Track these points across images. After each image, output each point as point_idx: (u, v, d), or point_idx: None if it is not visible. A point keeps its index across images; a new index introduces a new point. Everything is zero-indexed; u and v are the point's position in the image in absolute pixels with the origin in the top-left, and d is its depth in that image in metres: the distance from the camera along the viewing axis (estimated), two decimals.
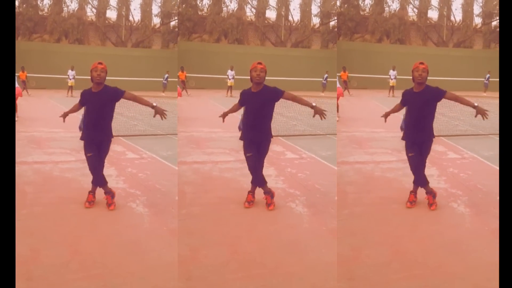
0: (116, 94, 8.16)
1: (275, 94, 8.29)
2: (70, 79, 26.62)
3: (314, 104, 8.32)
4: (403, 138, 8.49)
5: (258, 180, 8.49)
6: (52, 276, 6.15)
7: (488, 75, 29.93)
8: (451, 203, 8.73)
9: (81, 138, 8.30)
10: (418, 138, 8.34)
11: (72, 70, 26.64)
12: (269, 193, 8.49)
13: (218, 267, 6.49)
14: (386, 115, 8.89)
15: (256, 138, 8.35)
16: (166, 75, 28.03)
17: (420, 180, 8.44)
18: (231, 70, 26.77)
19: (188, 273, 6.35)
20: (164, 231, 7.63)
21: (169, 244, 7.18)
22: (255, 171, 8.46)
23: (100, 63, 8.14)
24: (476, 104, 8.18)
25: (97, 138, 8.24)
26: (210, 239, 7.31)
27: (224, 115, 8.69)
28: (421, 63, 8.31)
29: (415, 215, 8.20)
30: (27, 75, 26.11)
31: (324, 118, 8.28)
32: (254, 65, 8.30)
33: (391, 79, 27.65)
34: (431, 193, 8.45)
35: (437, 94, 8.22)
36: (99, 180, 8.33)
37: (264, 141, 8.40)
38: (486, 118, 8.16)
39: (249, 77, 8.28)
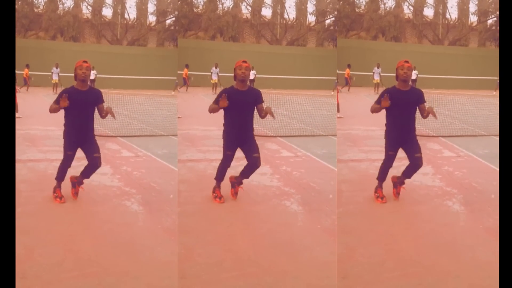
0: (99, 97, 8.32)
1: (259, 98, 8.40)
2: (54, 77, 26.53)
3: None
4: (384, 137, 8.52)
5: (222, 177, 8.61)
6: (47, 274, 6.14)
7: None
8: (446, 201, 8.74)
9: (63, 137, 8.37)
10: (403, 137, 8.33)
11: (56, 67, 26.56)
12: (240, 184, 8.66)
13: (212, 266, 6.49)
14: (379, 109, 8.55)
15: (241, 137, 8.35)
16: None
17: (383, 176, 8.63)
18: (216, 67, 26.88)
19: (183, 272, 6.35)
20: (158, 229, 7.63)
21: (164, 242, 7.18)
22: (224, 170, 8.56)
23: (85, 61, 8.15)
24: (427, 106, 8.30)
25: (81, 138, 8.26)
26: (204, 238, 7.30)
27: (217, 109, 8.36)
28: (406, 61, 8.29)
29: (409, 214, 8.21)
30: (29, 72, 26.10)
31: (273, 118, 8.42)
32: (239, 63, 8.26)
33: (375, 77, 27.63)
34: (402, 184, 8.60)
35: (420, 98, 8.31)
36: (62, 176, 8.47)
37: (250, 135, 8.40)
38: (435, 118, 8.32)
39: None
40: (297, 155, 12.18)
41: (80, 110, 8.18)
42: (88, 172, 8.42)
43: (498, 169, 10.34)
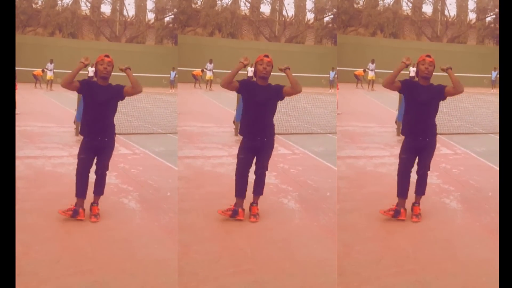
0: (120, 90, 7.63)
1: (279, 90, 7.87)
2: (49, 73, 26.51)
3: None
4: (403, 133, 8.00)
5: (243, 189, 7.89)
6: (43, 271, 6.14)
7: (495, 72, 29.80)
8: (443, 198, 8.74)
9: (81, 133, 7.82)
10: (419, 138, 7.76)
11: (51, 63, 26.53)
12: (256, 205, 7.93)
13: (209, 263, 6.49)
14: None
15: (258, 136, 7.79)
16: (173, 72, 27.95)
17: (403, 189, 7.89)
18: (210, 63, 26.88)
19: (179, 269, 6.35)
20: (155, 227, 7.63)
21: (161, 240, 7.18)
22: (243, 177, 7.90)
23: (107, 55, 7.61)
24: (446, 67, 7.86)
25: (97, 137, 7.66)
26: (201, 235, 7.30)
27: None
28: (428, 55, 7.76)
29: (406, 211, 8.20)
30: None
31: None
32: (260, 58, 7.84)
33: (370, 74, 27.59)
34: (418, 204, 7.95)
35: (441, 91, 7.74)
36: (82, 191, 7.72)
37: (267, 143, 7.87)
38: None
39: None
40: (295, 153, 12.18)
41: (97, 105, 7.58)
42: (98, 188, 7.87)
43: (495, 167, 10.44)
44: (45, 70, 26.35)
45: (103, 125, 7.70)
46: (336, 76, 27.97)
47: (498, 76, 29.62)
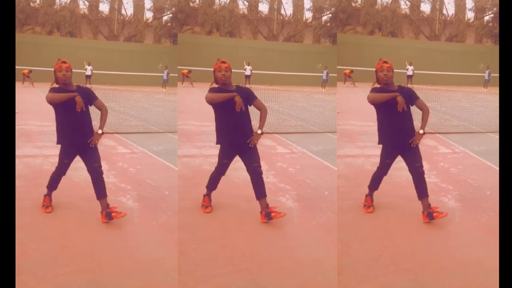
0: (89, 97, 7.61)
1: (250, 95, 7.71)
2: None
3: (260, 131, 7.68)
4: (380, 143, 7.90)
5: (214, 185, 8.15)
6: (41, 270, 6.15)
7: (488, 70, 29.80)
8: (441, 197, 8.74)
9: (58, 143, 7.74)
10: (402, 141, 7.68)
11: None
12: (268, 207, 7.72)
13: (207, 262, 6.50)
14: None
15: (239, 139, 7.70)
16: (166, 71, 27.95)
17: (375, 185, 8.15)
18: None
19: (177, 268, 6.35)
20: (154, 225, 7.63)
21: (159, 239, 7.18)
22: (218, 179, 8.08)
23: (64, 61, 7.48)
24: (422, 132, 7.62)
25: (79, 141, 7.62)
26: (199, 234, 7.30)
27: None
28: (385, 61, 7.65)
29: (404, 210, 8.20)
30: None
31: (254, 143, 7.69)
32: (218, 65, 7.57)
33: None
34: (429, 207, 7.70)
35: (411, 97, 7.65)
36: (55, 185, 7.98)
37: (249, 147, 7.73)
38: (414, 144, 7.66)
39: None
40: (293, 152, 12.18)
41: (71, 112, 7.40)
42: (97, 188, 7.71)
43: (493, 166, 10.45)
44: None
45: (81, 126, 7.59)
46: (328, 75, 28.00)
47: (490, 75, 29.66)
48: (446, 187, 9.30)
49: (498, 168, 10.01)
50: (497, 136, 13.38)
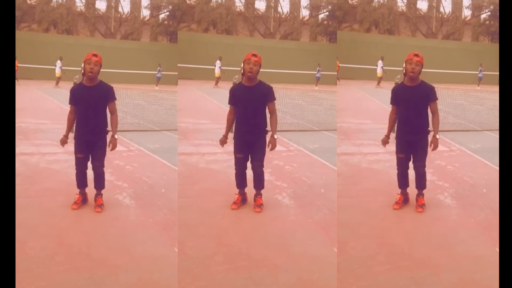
0: (108, 95, 7.77)
1: (269, 95, 7.82)
2: (57, 70, 26.52)
3: (276, 136, 7.86)
4: (397, 133, 8.02)
5: (243, 182, 8.15)
6: (38, 268, 6.13)
7: (480, 68, 29.82)
8: (438, 195, 8.75)
9: (74, 138, 7.87)
10: (411, 137, 7.83)
11: (60, 60, 26.54)
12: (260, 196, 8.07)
13: (204, 259, 6.49)
14: (386, 139, 8.14)
15: (249, 137, 7.86)
16: (159, 68, 27.94)
17: (402, 182, 8.12)
18: (220, 60, 26.64)
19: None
20: (150, 223, 7.62)
21: (155, 236, 7.17)
22: (242, 175, 8.08)
23: (95, 55, 7.63)
24: (438, 137, 7.75)
25: (90, 137, 7.76)
26: (196, 231, 7.30)
27: (223, 140, 8.08)
28: (416, 54, 7.63)
29: (401, 207, 8.21)
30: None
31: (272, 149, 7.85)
32: (248, 57, 7.65)
33: (379, 69, 27.49)
34: (421, 195, 8.06)
35: (431, 96, 7.72)
36: (82, 182, 7.98)
37: (258, 140, 7.87)
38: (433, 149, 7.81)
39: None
40: (290, 149, 12.18)
41: (86, 107, 7.70)
42: (96, 182, 7.98)
43: (490, 164, 10.47)
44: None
45: (95, 123, 7.76)
46: (319, 72, 27.98)
47: (482, 72, 29.69)
48: (442, 184, 9.31)
49: (494, 166, 10.08)
50: (493, 134, 13.43)
